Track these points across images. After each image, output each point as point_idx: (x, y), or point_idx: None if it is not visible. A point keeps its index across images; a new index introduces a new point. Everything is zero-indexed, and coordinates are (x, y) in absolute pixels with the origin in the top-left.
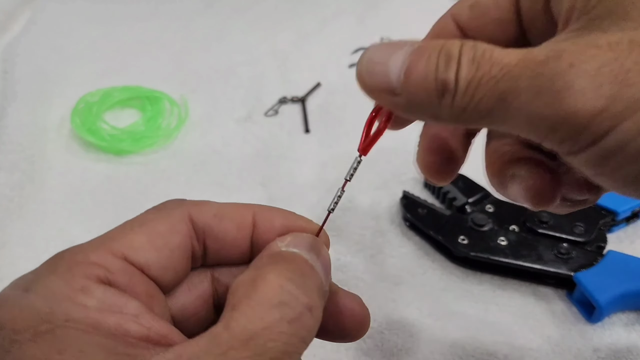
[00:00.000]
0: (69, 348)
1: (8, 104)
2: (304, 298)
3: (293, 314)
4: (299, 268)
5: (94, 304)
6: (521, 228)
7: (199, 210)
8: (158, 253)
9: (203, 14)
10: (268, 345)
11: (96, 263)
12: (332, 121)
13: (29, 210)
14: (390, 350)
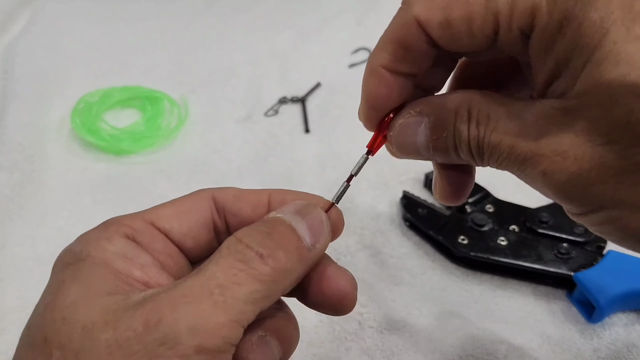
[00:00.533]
0: (81, 275)
1: (8, 104)
2: (258, 248)
3: (243, 259)
4: (268, 226)
5: (112, 249)
6: (521, 228)
7: (221, 192)
8: (179, 221)
9: (203, 14)
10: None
11: (126, 224)
12: (332, 121)
13: (29, 210)
14: (391, 349)
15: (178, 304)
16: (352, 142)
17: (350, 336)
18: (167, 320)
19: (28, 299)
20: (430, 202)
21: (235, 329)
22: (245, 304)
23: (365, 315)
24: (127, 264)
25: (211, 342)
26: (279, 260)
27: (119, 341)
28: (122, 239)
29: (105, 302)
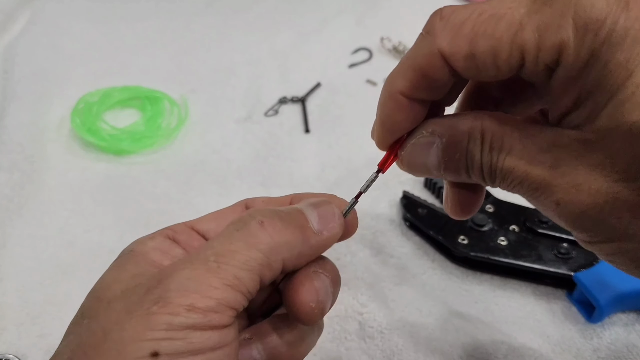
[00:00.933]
0: (119, 264)
1: (8, 104)
2: (260, 217)
3: (242, 227)
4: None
5: (151, 244)
6: (521, 228)
7: (253, 200)
8: (215, 224)
9: (203, 14)
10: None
11: (170, 228)
12: (332, 121)
13: (29, 210)
14: (391, 350)
15: (175, 271)
16: (352, 142)
17: (350, 336)
18: (162, 284)
19: (28, 299)
20: (430, 202)
21: (231, 293)
22: (240, 270)
23: (365, 315)
24: (162, 256)
25: (203, 302)
26: (278, 230)
27: (126, 306)
28: (162, 237)
29: (130, 281)
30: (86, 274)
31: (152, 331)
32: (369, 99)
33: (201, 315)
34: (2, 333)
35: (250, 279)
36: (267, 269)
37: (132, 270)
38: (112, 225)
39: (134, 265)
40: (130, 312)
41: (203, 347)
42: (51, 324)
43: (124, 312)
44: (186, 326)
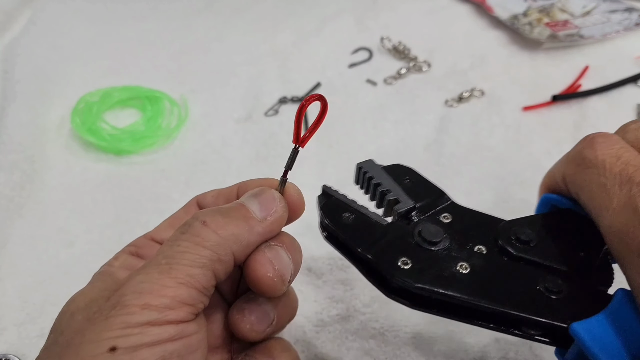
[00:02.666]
0: (90, 283)
1: (8, 104)
2: (203, 217)
3: (187, 229)
4: (222, 207)
5: (117, 264)
6: (491, 249)
7: (203, 196)
8: (172, 230)
9: (203, 14)
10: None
11: (132, 244)
12: (332, 121)
13: (29, 210)
14: (393, 351)
15: (130, 278)
16: (352, 142)
17: (352, 336)
18: (119, 291)
19: (28, 299)
20: (362, 204)
21: (184, 290)
22: (191, 268)
23: (367, 315)
24: (127, 273)
25: (157, 301)
26: (222, 226)
27: (88, 316)
28: (126, 255)
29: (93, 296)
30: (86, 274)
31: (110, 331)
32: (369, 98)
33: (156, 312)
34: (2, 333)
35: (202, 274)
36: (218, 263)
37: (99, 286)
38: (112, 225)
39: (101, 282)
40: (90, 320)
41: (160, 339)
42: (51, 324)
43: (85, 321)
44: (142, 323)
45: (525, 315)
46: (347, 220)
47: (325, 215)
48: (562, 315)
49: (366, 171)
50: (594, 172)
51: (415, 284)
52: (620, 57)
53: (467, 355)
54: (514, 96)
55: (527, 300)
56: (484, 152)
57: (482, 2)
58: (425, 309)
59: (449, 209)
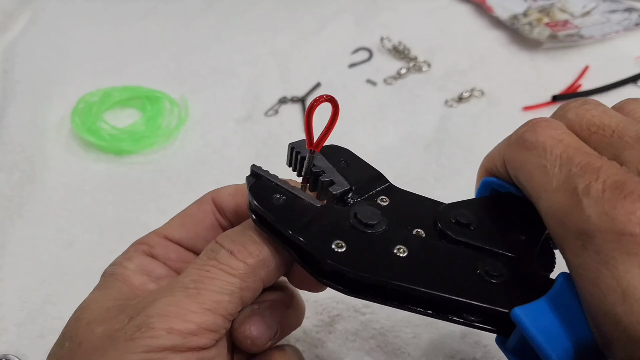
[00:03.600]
0: (102, 287)
1: (8, 104)
2: (229, 245)
3: (215, 256)
4: (246, 225)
5: (132, 267)
6: (429, 232)
7: (218, 193)
8: (186, 229)
9: (203, 14)
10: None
11: (144, 242)
12: None
13: (29, 210)
14: (393, 351)
15: (156, 299)
16: (352, 141)
17: (352, 337)
18: (145, 311)
19: (28, 299)
20: (294, 186)
21: (210, 316)
22: (219, 295)
23: (368, 315)
24: (144, 279)
25: (182, 326)
26: (249, 256)
27: (109, 332)
28: (140, 255)
29: (110, 304)
30: (86, 274)
31: (133, 354)
32: (369, 98)
33: (180, 337)
34: (2, 333)
35: (229, 301)
36: (246, 290)
37: (114, 294)
38: (112, 225)
39: (116, 290)
40: (112, 339)
41: None
42: (51, 324)
43: (106, 338)
44: (165, 347)
45: (464, 300)
46: (277, 201)
47: (254, 197)
48: (503, 301)
49: (299, 151)
50: (534, 153)
51: (348, 268)
52: (620, 57)
53: (468, 355)
54: (514, 96)
55: (466, 285)
56: (483, 152)
57: (482, 2)
58: (359, 294)
59: (386, 192)
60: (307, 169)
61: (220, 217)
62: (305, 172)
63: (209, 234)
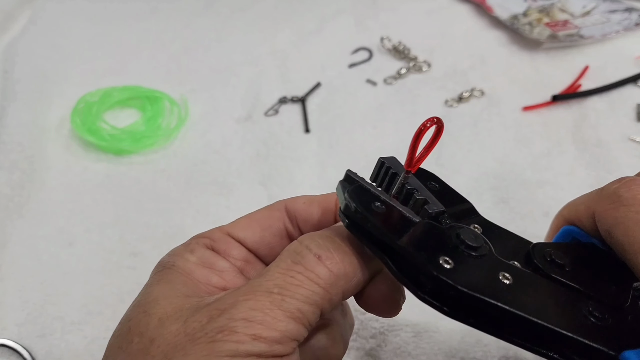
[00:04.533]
0: (165, 280)
1: (8, 104)
2: (317, 250)
3: (301, 260)
4: (332, 231)
5: (194, 259)
6: (525, 267)
7: (293, 201)
8: (252, 230)
9: (203, 14)
10: (274, 275)
11: (206, 236)
12: (332, 121)
13: (29, 210)
14: (394, 351)
15: (239, 301)
16: (352, 142)
17: (352, 336)
18: (227, 313)
19: (28, 299)
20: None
21: (294, 325)
22: (304, 304)
23: (368, 315)
24: (207, 272)
25: (267, 333)
26: (337, 264)
27: (186, 330)
28: (202, 248)
29: (180, 301)
30: (86, 274)
31: (217, 357)
32: (369, 98)
33: (266, 345)
34: (2, 333)
35: (312, 312)
36: (328, 302)
37: (181, 289)
38: (112, 225)
39: (182, 285)
40: (192, 339)
41: None
42: (51, 324)
43: (183, 336)
44: (250, 354)
45: (571, 336)
46: (377, 208)
47: (353, 200)
48: (610, 343)
49: (390, 166)
50: (631, 209)
51: (458, 285)
52: (620, 57)
53: (468, 355)
54: (514, 96)
55: (572, 322)
56: (484, 152)
57: (482, 2)
58: (459, 315)
59: (478, 221)
60: (399, 187)
61: (290, 225)
62: (397, 190)
63: (274, 241)
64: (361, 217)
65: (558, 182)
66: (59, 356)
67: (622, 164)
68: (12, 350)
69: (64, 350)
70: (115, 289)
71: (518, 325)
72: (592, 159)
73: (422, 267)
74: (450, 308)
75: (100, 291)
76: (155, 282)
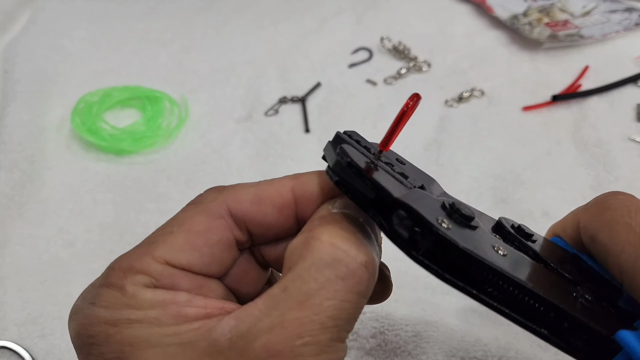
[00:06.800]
0: (136, 340)
1: (8, 104)
2: (357, 254)
3: (347, 271)
4: (350, 226)
5: (148, 306)
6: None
7: (236, 199)
8: (199, 252)
9: (203, 14)
10: (324, 305)
11: (140, 271)
12: (332, 121)
13: (29, 209)
14: (394, 350)
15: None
16: None
17: (352, 336)
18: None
19: (28, 299)
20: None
21: (345, 346)
22: (351, 323)
23: (367, 314)
24: (175, 310)
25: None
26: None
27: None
28: (148, 289)
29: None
30: (86, 274)
31: None
32: (369, 98)
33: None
34: (2, 333)
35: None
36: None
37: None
38: (112, 225)
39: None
40: None
41: None
42: (52, 324)
43: None
44: None
45: (568, 312)
46: (369, 166)
47: (346, 155)
48: (603, 323)
49: (358, 140)
50: (617, 213)
51: (460, 243)
52: (620, 57)
53: (468, 354)
54: (514, 96)
55: (566, 300)
56: (484, 152)
57: (482, 2)
58: (451, 278)
59: (448, 197)
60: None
61: (239, 232)
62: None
63: (224, 255)
64: (355, 171)
65: (558, 182)
66: (59, 356)
67: (622, 164)
68: (13, 352)
69: (64, 350)
70: None
71: (513, 294)
72: (592, 159)
73: (422, 222)
74: (444, 271)
75: None
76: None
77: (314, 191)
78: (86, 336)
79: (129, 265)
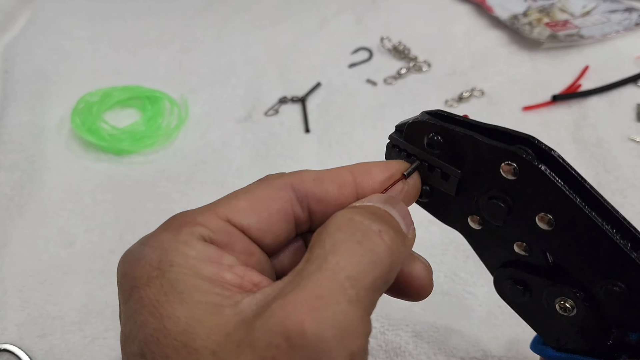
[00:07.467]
0: (172, 290)
1: (8, 104)
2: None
3: (362, 236)
4: (373, 210)
5: (194, 254)
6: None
7: (298, 178)
8: (258, 216)
9: (203, 14)
10: (341, 264)
11: (201, 223)
12: (332, 121)
13: (29, 209)
14: (394, 350)
15: (316, 309)
16: (352, 141)
17: None
18: (312, 330)
19: (28, 299)
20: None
21: (370, 324)
22: (374, 293)
23: None
24: (215, 269)
25: (358, 345)
26: (393, 241)
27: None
28: (201, 241)
29: (219, 320)
30: (86, 274)
31: None
32: (369, 98)
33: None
34: (2, 333)
35: (377, 300)
36: (386, 286)
37: (203, 299)
38: (112, 225)
39: (199, 293)
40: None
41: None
42: (52, 324)
43: None
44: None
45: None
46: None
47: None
48: None
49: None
50: None
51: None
52: (620, 57)
53: (468, 354)
54: (514, 96)
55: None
56: None
57: (482, 2)
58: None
59: None
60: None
61: (299, 208)
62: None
63: (280, 226)
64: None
65: None
66: (59, 356)
67: (622, 163)
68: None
69: (64, 350)
70: (116, 289)
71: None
72: (592, 158)
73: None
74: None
75: (100, 291)
76: (164, 297)
77: (373, 174)
78: (131, 277)
79: (192, 217)
